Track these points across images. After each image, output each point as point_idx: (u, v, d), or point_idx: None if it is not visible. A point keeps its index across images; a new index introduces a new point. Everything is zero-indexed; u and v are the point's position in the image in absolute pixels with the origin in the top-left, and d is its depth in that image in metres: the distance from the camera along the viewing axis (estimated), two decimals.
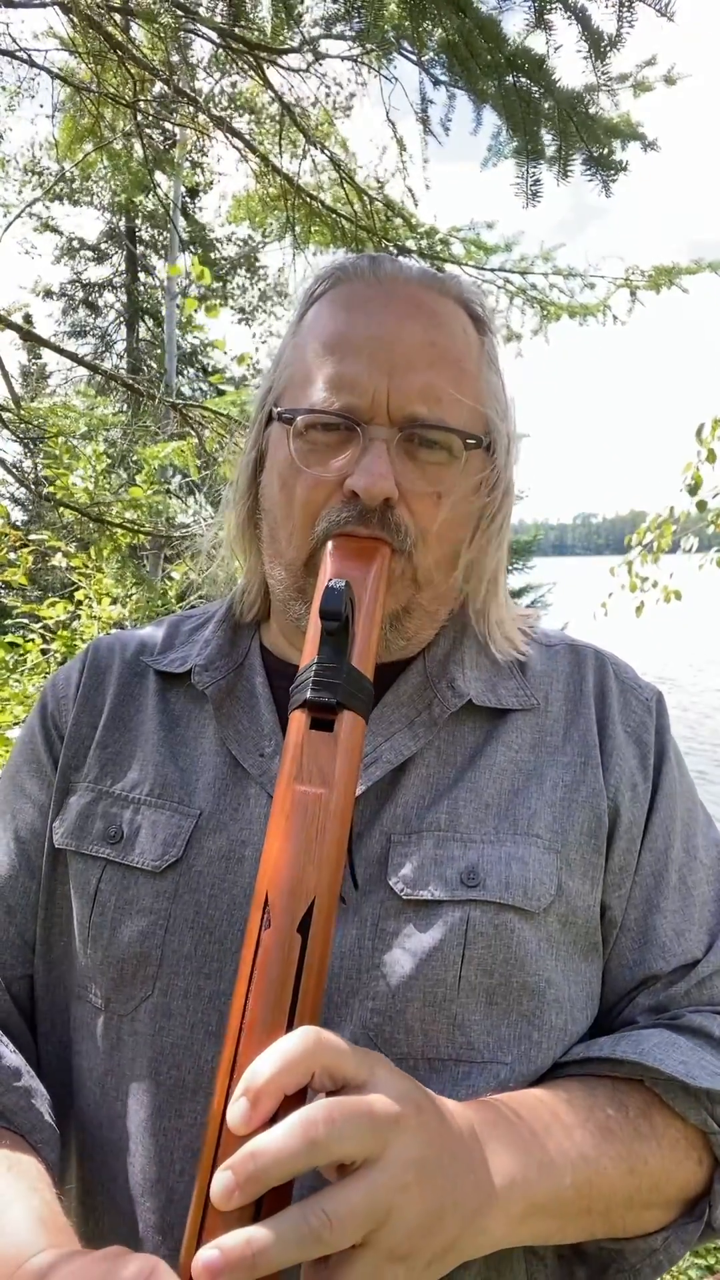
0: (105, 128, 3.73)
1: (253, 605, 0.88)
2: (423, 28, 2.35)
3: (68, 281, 17.39)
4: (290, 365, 0.80)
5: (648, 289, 4.17)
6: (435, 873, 0.70)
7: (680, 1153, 0.68)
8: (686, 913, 0.76)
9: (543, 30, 2.10)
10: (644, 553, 4.81)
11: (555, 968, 0.71)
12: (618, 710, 0.81)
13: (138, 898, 0.74)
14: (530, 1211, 0.60)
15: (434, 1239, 0.53)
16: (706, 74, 46.27)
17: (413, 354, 0.74)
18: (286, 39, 3.22)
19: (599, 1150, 0.64)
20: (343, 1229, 0.48)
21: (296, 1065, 0.50)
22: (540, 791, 0.75)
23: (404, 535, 0.73)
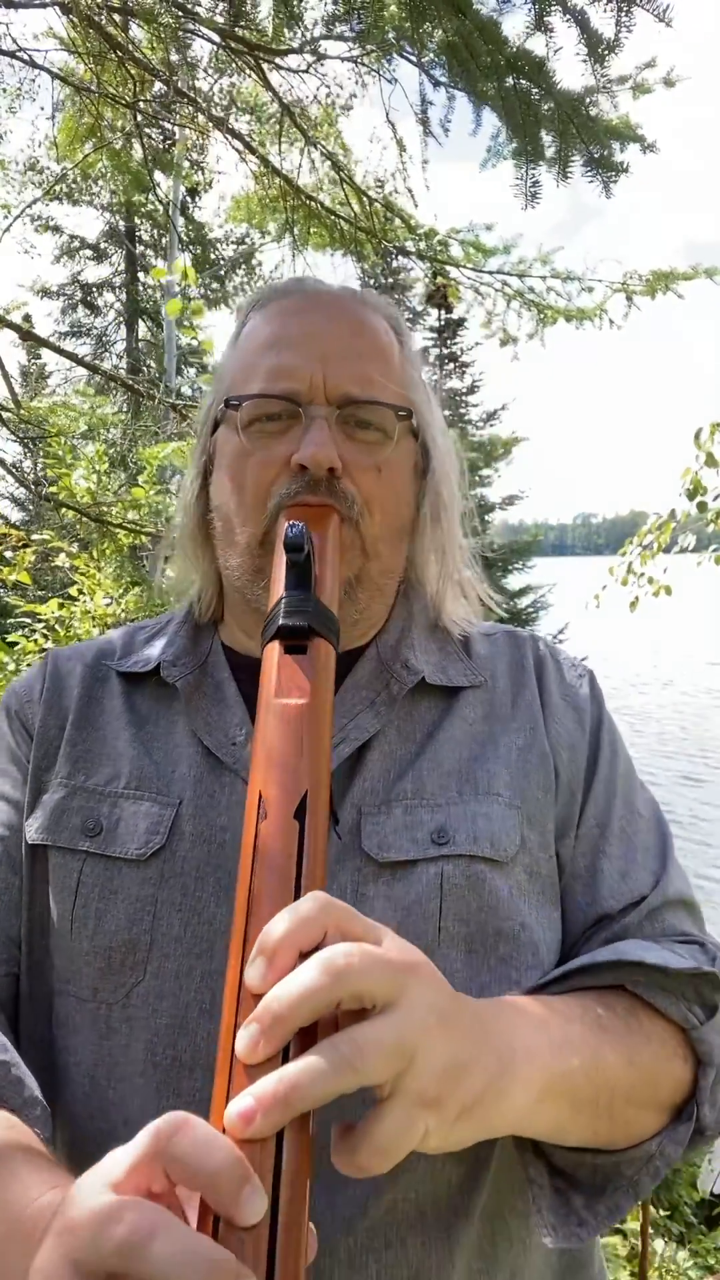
0: (105, 128, 3.74)
1: (209, 606, 0.91)
2: (423, 29, 2.35)
3: (67, 281, 17.39)
4: (229, 374, 0.86)
5: (644, 294, 4.18)
6: (407, 836, 0.75)
7: (668, 1050, 0.72)
8: (630, 857, 0.82)
9: (542, 33, 2.11)
10: (644, 553, 4.83)
11: (527, 912, 0.75)
12: (554, 682, 0.88)
13: (123, 886, 0.75)
14: (546, 1090, 0.61)
15: (461, 1088, 0.54)
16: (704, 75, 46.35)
17: (343, 346, 0.82)
18: (287, 39, 3.22)
19: (598, 1040, 0.67)
20: (372, 1058, 0.48)
21: (309, 922, 0.51)
22: (496, 755, 0.81)
23: (350, 503, 0.79)
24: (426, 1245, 0.68)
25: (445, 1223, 0.69)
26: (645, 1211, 3.13)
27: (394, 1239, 0.67)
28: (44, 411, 3.77)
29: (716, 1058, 0.73)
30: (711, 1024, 0.73)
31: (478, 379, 14.38)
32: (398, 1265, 0.67)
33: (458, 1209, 0.69)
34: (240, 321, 0.90)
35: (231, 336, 0.91)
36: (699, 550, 4.78)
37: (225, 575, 0.87)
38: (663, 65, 2.96)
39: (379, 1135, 0.50)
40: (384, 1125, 0.50)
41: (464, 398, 14.29)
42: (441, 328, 14.39)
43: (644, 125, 2.56)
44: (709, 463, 4.34)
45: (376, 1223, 0.67)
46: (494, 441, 12.00)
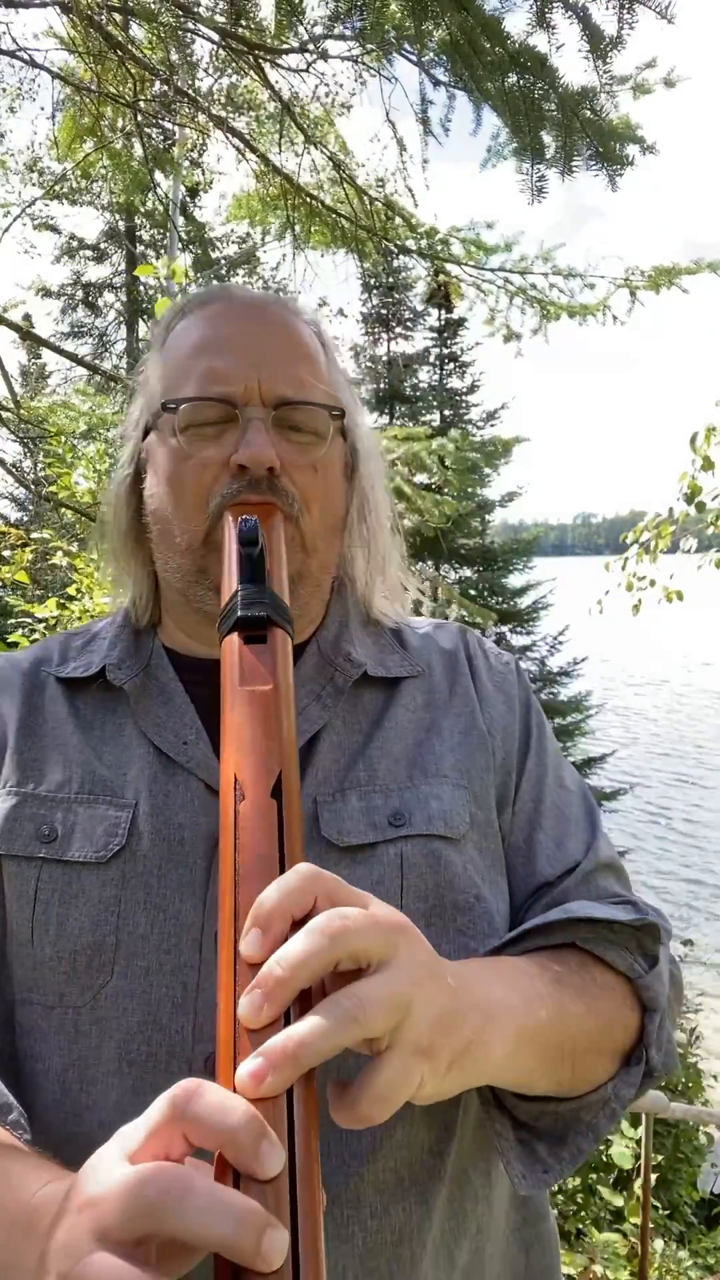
0: (105, 127, 3.74)
1: (145, 610, 0.92)
2: (424, 28, 2.35)
3: (68, 282, 17.39)
4: (161, 379, 0.87)
5: (647, 289, 4.17)
6: (365, 820, 0.78)
7: (618, 998, 0.77)
8: (563, 828, 0.87)
9: (544, 29, 2.11)
10: (641, 551, 4.83)
11: (481, 884, 0.80)
12: (485, 671, 0.93)
13: (83, 890, 0.75)
14: (519, 1041, 0.66)
15: (452, 1037, 0.58)
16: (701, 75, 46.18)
17: (274, 351, 0.84)
18: (287, 38, 3.22)
19: (559, 993, 0.72)
20: (374, 1011, 0.51)
21: (299, 891, 0.53)
22: (441, 739, 0.85)
23: (291, 501, 0.81)
24: (407, 1210, 0.71)
25: (421, 1185, 0.72)
26: (645, 1211, 3.13)
27: (378, 1207, 0.70)
28: (44, 411, 3.77)
29: (660, 1003, 0.78)
30: (654, 973, 0.78)
31: (478, 379, 14.37)
32: (381, 1231, 0.70)
33: (432, 1171, 0.73)
34: (164, 330, 0.91)
35: (156, 338, 0.92)
36: (701, 552, 4.78)
37: (164, 577, 0.88)
38: (663, 65, 2.96)
39: (380, 1084, 0.53)
40: (384, 1075, 0.53)
41: (464, 397, 14.27)
42: (442, 327, 14.38)
43: (644, 125, 2.56)
44: (705, 467, 4.35)
45: (361, 1192, 0.69)
46: (494, 441, 11.99)
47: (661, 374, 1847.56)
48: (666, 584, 4.82)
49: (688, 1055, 7.07)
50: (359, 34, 2.85)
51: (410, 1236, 0.71)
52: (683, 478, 4.46)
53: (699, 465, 4.38)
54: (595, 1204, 4.31)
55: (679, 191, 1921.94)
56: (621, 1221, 4.27)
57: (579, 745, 12.39)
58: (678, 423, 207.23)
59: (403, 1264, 0.70)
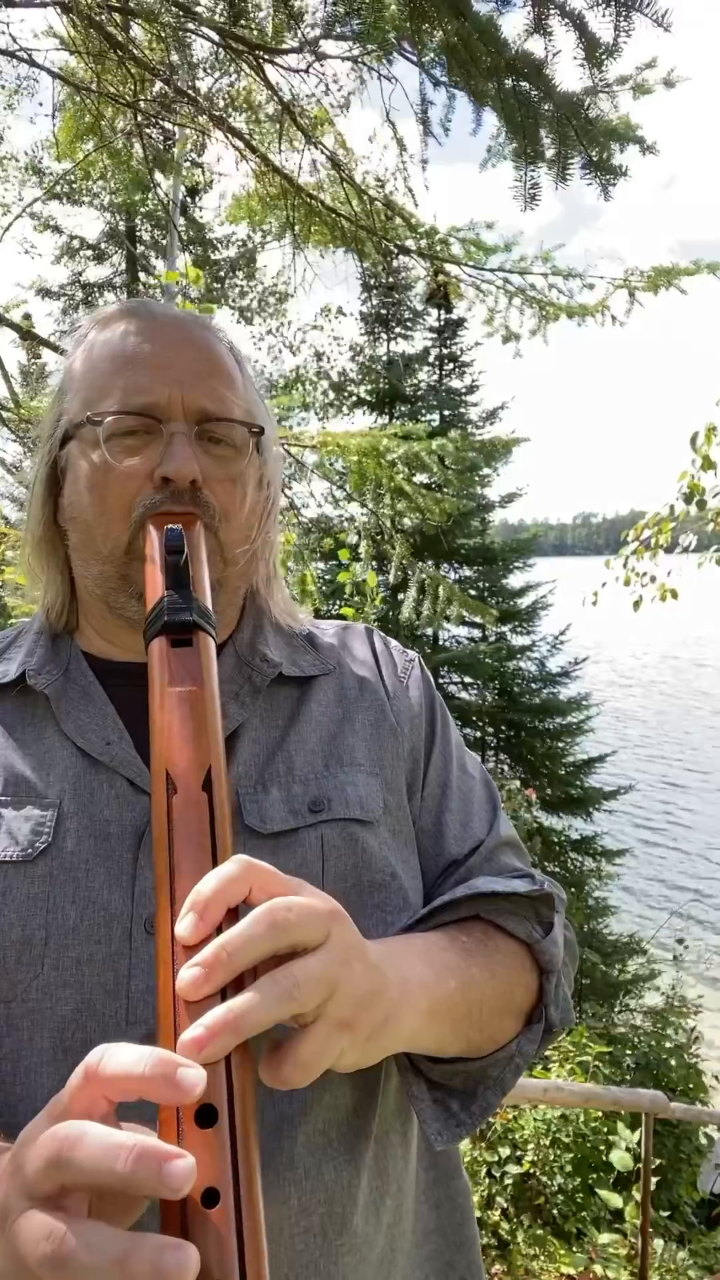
0: (105, 127, 3.73)
1: (61, 615, 0.94)
2: (423, 29, 2.35)
3: (68, 281, 17.39)
4: (81, 389, 0.89)
5: (646, 290, 4.18)
6: (286, 809, 0.83)
7: (519, 963, 0.85)
8: (467, 810, 0.94)
9: (541, 35, 2.11)
10: (640, 548, 4.83)
11: (395, 863, 0.85)
12: (389, 667, 0.99)
13: (11, 888, 0.77)
14: (431, 1012, 0.73)
15: (372, 1013, 0.64)
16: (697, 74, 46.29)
17: (194, 367, 0.88)
18: (287, 39, 3.22)
19: (467, 962, 0.79)
20: (308, 988, 0.56)
21: (236, 879, 0.57)
22: (353, 731, 0.90)
23: (212, 512, 0.85)
24: (337, 1168, 0.76)
25: (350, 1145, 0.77)
26: (645, 1212, 3.13)
27: (311, 1168, 0.74)
28: (44, 410, 3.76)
29: (556, 965, 0.87)
30: (549, 938, 0.86)
31: (477, 379, 14.37)
32: (315, 1190, 0.74)
33: (358, 1131, 0.78)
34: (83, 335, 0.93)
35: (73, 347, 0.94)
36: (700, 551, 4.78)
37: (83, 584, 0.91)
38: (663, 66, 2.96)
39: (303, 1052, 0.58)
40: (308, 1044, 0.58)
41: (464, 397, 14.27)
42: (441, 328, 14.38)
43: (643, 126, 2.56)
44: (705, 466, 4.35)
45: (294, 1155, 0.74)
46: (494, 441, 11.99)
47: (662, 374, 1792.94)
48: (664, 581, 4.82)
49: (687, 1056, 7.07)
50: (359, 35, 2.85)
51: (341, 1194, 0.75)
52: (682, 477, 4.46)
53: (699, 465, 4.38)
54: (595, 1204, 4.31)
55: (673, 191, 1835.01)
56: (621, 1221, 4.27)
57: (579, 745, 12.38)
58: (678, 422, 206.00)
59: (335, 1221, 0.75)
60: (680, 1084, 6.62)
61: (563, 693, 12.59)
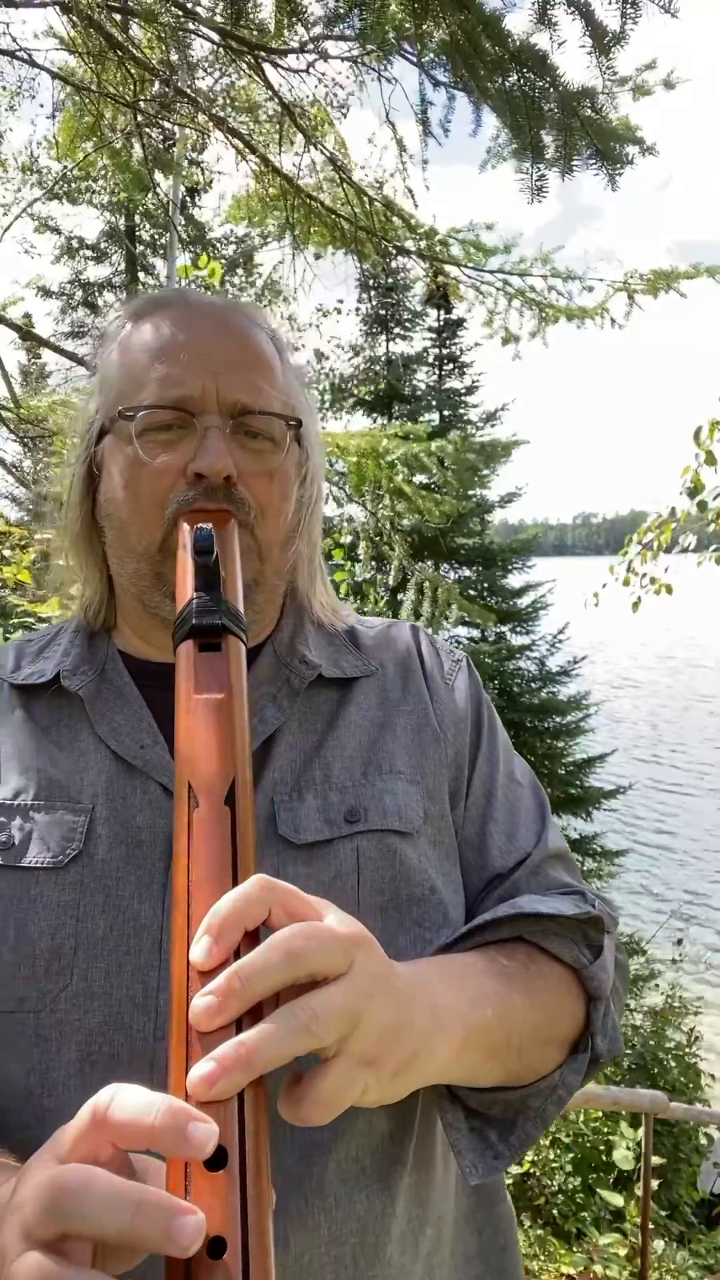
0: (105, 127, 3.73)
1: (99, 613, 0.93)
2: (425, 27, 2.35)
3: (68, 281, 17.38)
4: (117, 382, 0.87)
5: (645, 293, 4.18)
6: (322, 818, 0.79)
7: (564, 988, 0.80)
8: (514, 821, 0.90)
9: (546, 27, 2.11)
10: (644, 551, 4.83)
11: (435, 876, 0.81)
12: (436, 668, 0.95)
13: (41, 895, 0.76)
14: (466, 1042, 0.68)
15: (398, 1049, 0.60)
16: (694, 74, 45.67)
17: (231, 357, 0.85)
18: (287, 39, 3.22)
19: (507, 988, 0.74)
20: (326, 1022, 0.53)
21: (254, 901, 0.54)
22: (394, 737, 0.87)
23: (247, 509, 0.82)
24: (370, 1197, 0.72)
25: (383, 1172, 0.74)
26: (645, 1211, 3.13)
27: (342, 1195, 0.71)
28: (44, 410, 3.76)
29: (604, 991, 0.81)
30: (598, 963, 0.81)
31: (477, 379, 14.37)
32: (346, 1219, 0.71)
33: (393, 1158, 0.74)
34: (119, 327, 0.91)
35: (110, 339, 0.92)
36: (700, 550, 4.78)
37: (119, 582, 0.88)
38: (664, 66, 2.96)
39: (323, 1090, 0.55)
40: (328, 1081, 0.55)
41: (463, 398, 14.27)
42: (441, 328, 14.37)
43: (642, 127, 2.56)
44: (709, 461, 4.35)
45: (324, 1181, 0.71)
46: (493, 443, 11.99)
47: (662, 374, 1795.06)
48: (659, 576, 4.82)
49: (687, 1055, 7.07)
50: (359, 34, 2.85)
51: (374, 1223, 0.72)
52: (685, 472, 4.46)
53: (702, 459, 4.38)
54: (595, 1204, 4.31)
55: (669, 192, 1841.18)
56: (621, 1221, 4.27)
57: (579, 745, 12.38)
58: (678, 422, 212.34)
59: (367, 1251, 0.72)
60: (680, 1084, 6.62)
61: (562, 692, 12.59)
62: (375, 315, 14.33)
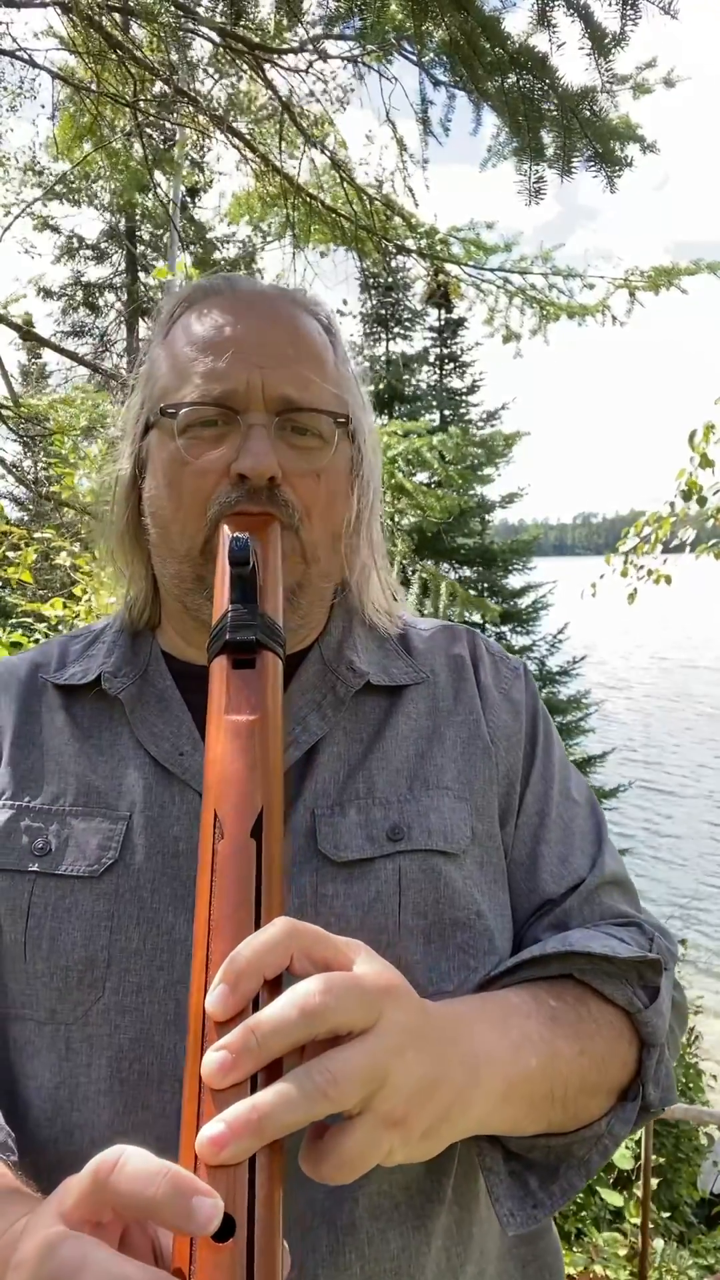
0: (105, 127, 3.74)
1: (143, 612, 0.90)
2: (424, 28, 2.35)
3: (68, 281, 17.39)
4: (162, 375, 0.84)
5: (646, 290, 4.18)
6: (363, 835, 0.76)
7: (615, 1033, 0.75)
8: (568, 842, 0.85)
9: (545, 28, 2.11)
10: (640, 544, 4.83)
11: (481, 900, 0.77)
12: (490, 676, 0.90)
13: (77, 904, 0.74)
14: (507, 1092, 0.64)
15: (428, 1107, 0.56)
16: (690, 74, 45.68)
17: (278, 350, 0.81)
18: (287, 39, 3.22)
19: (553, 1033, 0.70)
20: (346, 1086, 0.49)
21: (274, 948, 0.51)
22: (443, 750, 0.82)
23: (291, 511, 0.79)
24: (404, 1235, 0.69)
25: (419, 1210, 0.70)
26: (645, 1211, 3.12)
27: (374, 1233, 0.68)
28: (44, 409, 3.76)
29: (659, 1038, 0.76)
30: (654, 1007, 0.76)
31: (478, 379, 14.37)
32: (379, 1259, 0.68)
33: (429, 1195, 0.71)
34: (167, 321, 0.88)
35: (158, 330, 0.89)
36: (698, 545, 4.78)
37: (162, 582, 0.85)
38: (664, 65, 2.96)
39: (344, 1151, 0.52)
40: (350, 1142, 0.52)
41: (464, 397, 14.27)
42: (442, 327, 14.38)
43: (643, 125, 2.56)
44: (704, 464, 4.35)
45: (356, 1218, 0.68)
46: (494, 440, 11.99)
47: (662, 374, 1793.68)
48: (658, 569, 4.82)
49: (687, 1055, 7.07)
50: (359, 34, 2.85)
51: (409, 1263, 0.69)
52: (680, 475, 4.47)
53: (697, 462, 4.38)
54: (595, 1204, 4.31)
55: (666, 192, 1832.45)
56: (621, 1221, 4.27)
57: (579, 744, 12.39)
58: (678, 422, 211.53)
59: None
60: (681, 1084, 6.62)
61: (562, 692, 12.59)
62: (376, 314, 14.33)
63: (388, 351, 14.42)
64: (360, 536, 0.88)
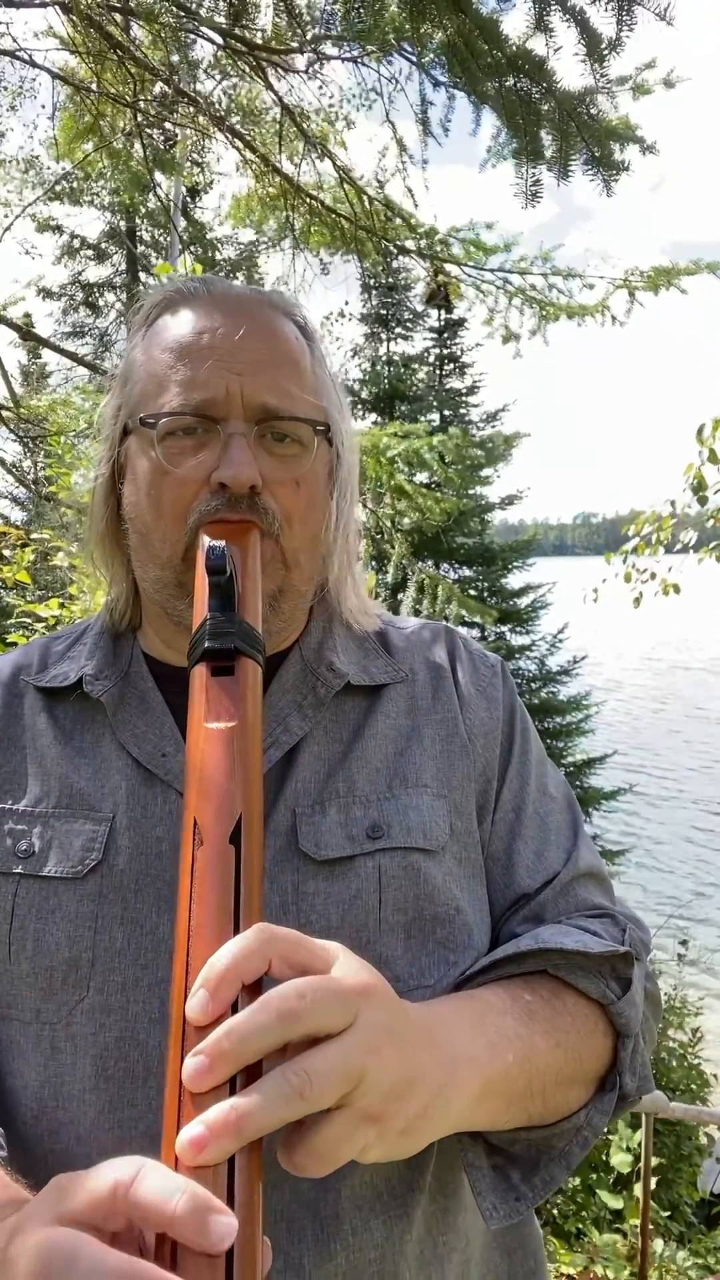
0: (105, 127, 3.74)
1: (124, 614, 0.91)
2: (423, 29, 2.35)
3: (69, 282, 17.40)
4: (140, 380, 0.84)
5: (646, 289, 4.18)
6: (343, 833, 0.77)
7: (590, 1025, 0.76)
8: (544, 837, 0.86)
9: (542, 32, 2.11)
10: (641, 544, 4.83)
11: (460, 896, 0.79)
12: (468, 673, 0.91)
13: (60, 905, 0.75)
14: (485, 1090, 0.65)
15: (406, 1104, 0.57)
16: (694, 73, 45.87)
17: (256, 357, 0.81)
18: (287, 40, 3.22)
19: (529, 1029, 0.71)
20: (322, 1086, 0.50)
21: (252, 953, 0.52)
22: (421, 748, 0.84)
23: (271, 518, 0.79)
24: (388, 1223, 0.70)
25: (401, 1199, 0.71)
26: (645, 1212, 3.12)
27: (358, 1223, 0.70)
28: (43, 409, 3.76)
29: (633, 1028, 0.78)
30: (626, 998, 0.77)
31: (479, 379, 14.37)
32: (364, 1250, 0.69)
33: (411, 1185, 0.72)
34: (142, 323, 0.88)
35: (134, 332, 0.88)
36: (700, 547, 4.78)
37: (143, 586, 0.86)
38: (663, 66, 2.96)
39: (319, 1144, 0.53)
40: (325, 1135, 0.53)
41: (464, 398, 14.27)
42: (442, 328, 14.38)
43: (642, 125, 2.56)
44: (712, 459, 4.35)
45: (340, 1209, 0.69)
46: (494, 440, 11.99)
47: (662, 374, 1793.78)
48: (665, 576, 4.82)
49: (688, 1055, 7.07)
50: (359, 35, 2.86)
51: (394, 1251, 0.70)
52: (688, 470, 4.45)
53: (705, 457, 4.37)
54: (595, 1204, 4.31)
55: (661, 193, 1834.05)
56: (621, 1222, 4.27)
57: (579, 745, 12.38)
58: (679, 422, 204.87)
59: (387, 1277, 0.70)
60: (681, 1084, 6.61)
61: (562, 692, 12.59)
62: (376, 315, 14.34)
63: (388, 352, 14.42)
64: (336, 539, 0.89)
